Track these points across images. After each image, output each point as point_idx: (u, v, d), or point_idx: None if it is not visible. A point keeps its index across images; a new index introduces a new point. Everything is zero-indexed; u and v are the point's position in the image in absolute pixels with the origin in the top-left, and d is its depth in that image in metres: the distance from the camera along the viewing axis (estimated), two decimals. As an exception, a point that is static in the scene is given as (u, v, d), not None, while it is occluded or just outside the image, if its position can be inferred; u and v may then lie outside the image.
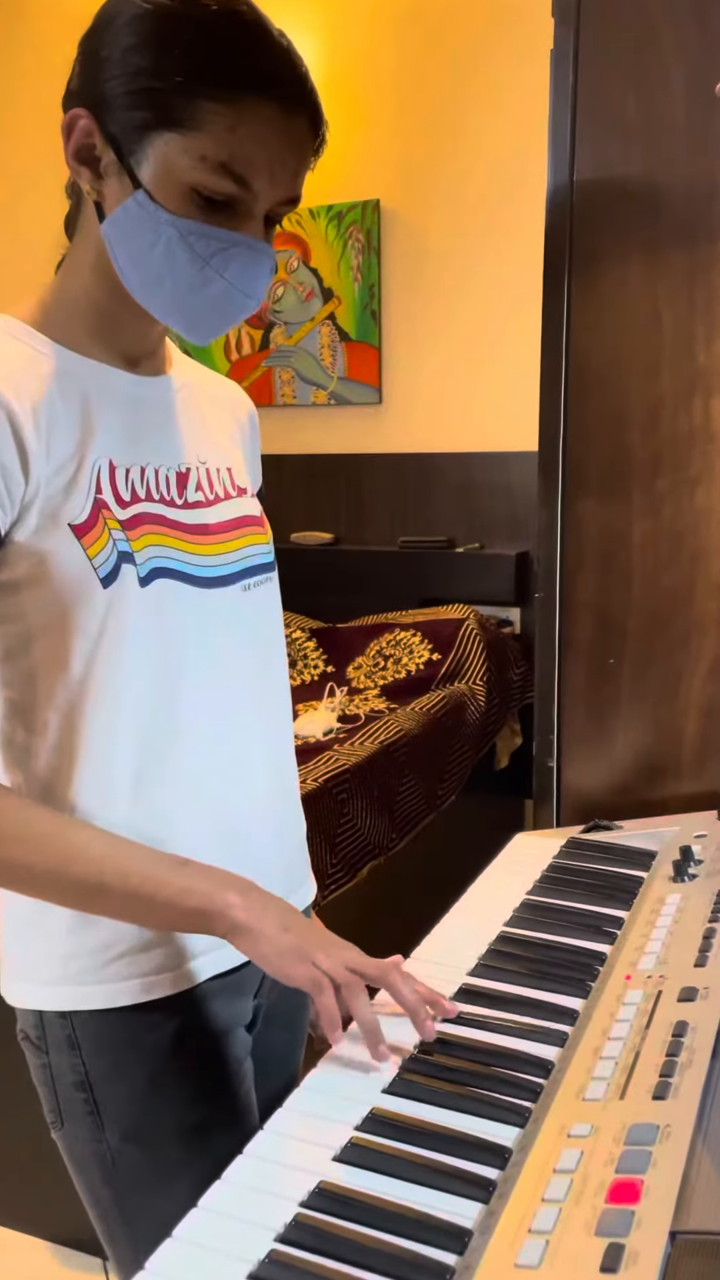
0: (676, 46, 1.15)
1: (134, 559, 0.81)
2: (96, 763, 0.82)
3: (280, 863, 0.94)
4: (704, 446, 1.23)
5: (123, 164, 0.76)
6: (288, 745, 0.98)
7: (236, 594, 0.89)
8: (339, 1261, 0.59)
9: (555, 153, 1.23)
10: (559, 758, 1.33)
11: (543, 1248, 0.57)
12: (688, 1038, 0.74)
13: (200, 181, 0.74)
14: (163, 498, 0.85)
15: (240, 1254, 0.59)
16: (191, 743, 0.85)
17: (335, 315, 3.04)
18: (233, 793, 0.89)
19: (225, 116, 0.73)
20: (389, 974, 0.79)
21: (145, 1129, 0.85)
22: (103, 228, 0.78)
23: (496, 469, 2.86)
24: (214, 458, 0.92)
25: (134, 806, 0.83)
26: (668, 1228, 0.57)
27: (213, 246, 0.76)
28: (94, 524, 0.79)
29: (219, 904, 0.77)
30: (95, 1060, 0.85)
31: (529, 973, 0.89)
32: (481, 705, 2.59)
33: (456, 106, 2.78)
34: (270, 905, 0.79)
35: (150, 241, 0.76)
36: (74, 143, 0.77)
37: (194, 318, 0.81)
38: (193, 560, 0.85)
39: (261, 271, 0.79)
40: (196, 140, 0.73)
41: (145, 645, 0.82)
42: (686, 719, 1.28)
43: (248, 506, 0.93)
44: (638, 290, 1.22)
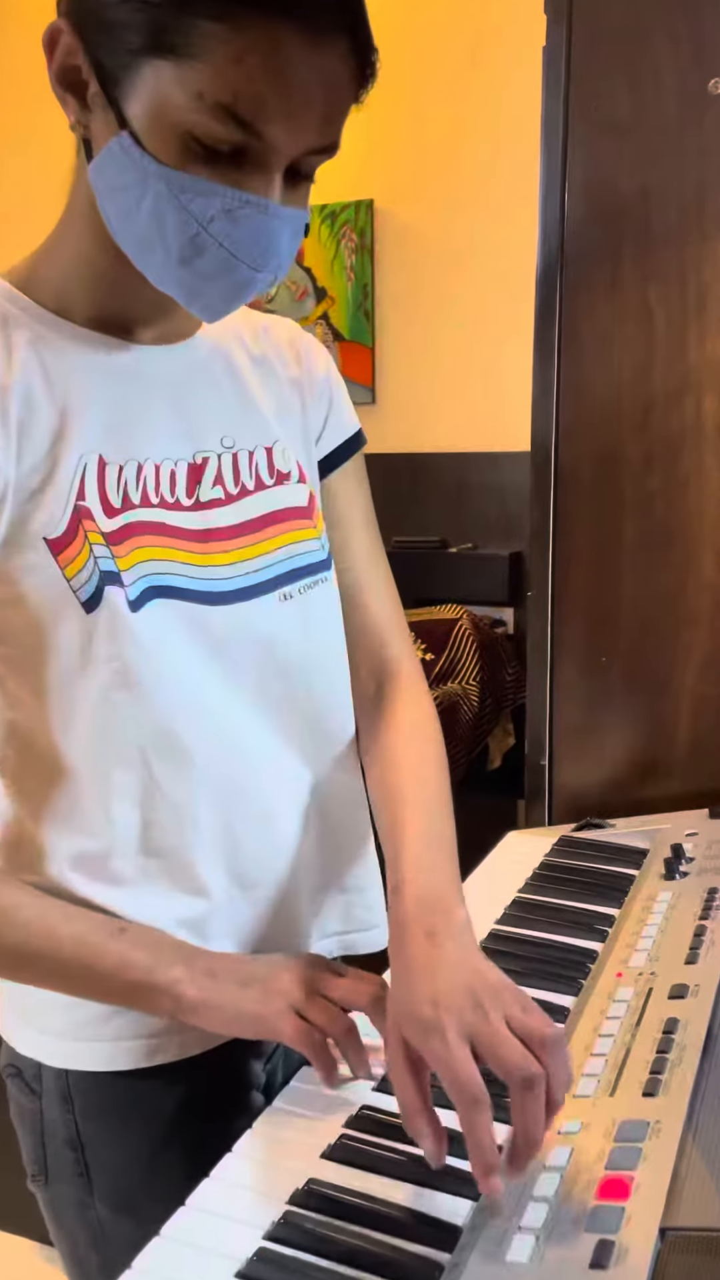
0: (669, 44, 1.15)
1: (121, 579, 0.68)
2: (97, 812, 0.72)
3: (300, 914, 0.82)
4: (696, 445, 1.23)
5: (106, 95, 0.60)
6: (341, 779, 0.83)
7: (270, 606, 0.75)
8: (328, 1259, 0.58)
9: (548, 151, 1.23)
10: (551, 756, 1.33)
11: (533, 1244, 0.57)
12: (678, 1034, 0.74)
13: (197, 125, 0.58)
14: (164, 501, 0.71)
15: (228, 1252, 0.59)
16: (212, 790, 0.74)
17: (329, 315, 3.04)
18: (258, 848, 0.77)
19: (229, 44, 0.56)
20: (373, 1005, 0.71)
21: (140, 1202, 0.74)
22: (89, 172, 0.64)
23: (490, 469, 2.86)
24: (247, 437, 0.76)
25: (145, 858, 0.73)
26: (658, 1224, 0.57)
27: (212, 207, 0.61)
28: (72, 538, 0.66)
29: (161, 980, 0.67)
30: (89, 1122, 0.76)
31: (520, 970, 0.88)
32: (474, 705, 2.59)
33: (450, 106, 2.79)
34: (219, 966, 0.69)
35: (137, 196, 0.61)
36: (56, 63, 0.62)
37: (193, 292, 0.65)
38: (201, 573, 0.72)
39: (275, 239, 0.63)
40: (193, 72, 0.57)
41: (146, 681, 0.69)
42: (678, 717, 1.28)
43: (289, 496, 0.77)
44: (630, 289, 1.22)
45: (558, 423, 1.28)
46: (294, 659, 0.78)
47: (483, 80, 2.72)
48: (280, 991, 0.69)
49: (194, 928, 0.76)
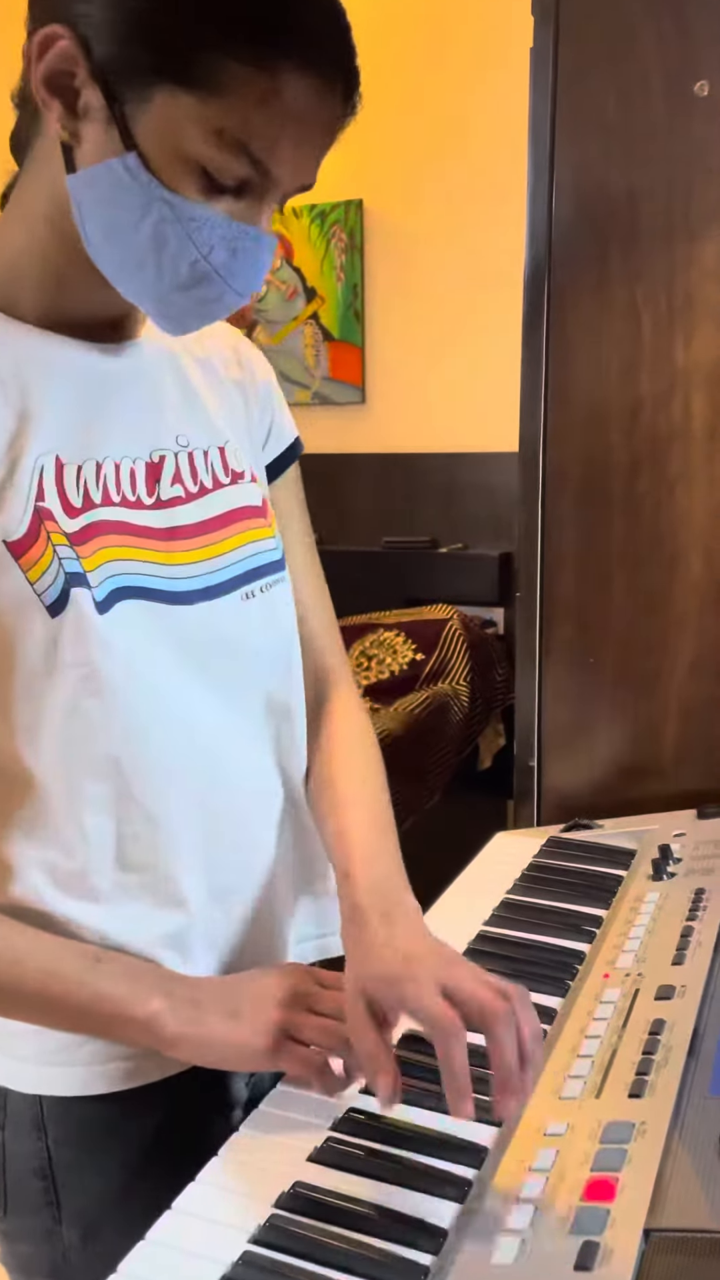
0: (656, 46, 1.16)
1: (87, 580, 0.66)
2: (69, 823, 0.69)
3: (279, 925, 0.81)
4: (684, 446, 1.23)
5: (112, 113, 0.60)
6: (297, 785, 0.83)
7: (234, 606, 0.74)
8: (313, 1263, 0.58)
9: (535, 152, 1.23)
10: (540, 757, 1.33)
11: (518, 1246, 0.57)
12: (664, 1035, 0.74)
13: (210, 159, 0.60)
14: (125, 499, 0.70)
15: (214, 1255, 0.59)
16: (186, 793, 0.73)
17: (318, 315, 3.04)
18: (233, 846, 0.76)
19: (256, 86, 0.58)
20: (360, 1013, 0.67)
21: (110, 1228, 0.72)
22: (70, 182, 0.63)
23: (480, 469, 2.87)
24: (199, 437, 0.76)
25: (120, 871, 0.71)
26: (642, 1225, 0.57)
27: (214, 237, 0.62)
28: (34, 540, 0.65)
29: (140, 1014, 0.65)
30: (63, 1148, 0.74)
31: (508, 972, 0.88)
32: (465, 706, 2.59)
33: (439, 107, 2.79)
34: (203, 996, 0.67)
35: (135, 217, 0.62)
36: (46, 67, 0.60)
37: (173, 311, 0.67)
38: (166, 572, 0.71)
39: (262, 264, 0.66)
40: (215, 109, 0.58)
41: (114, 684, 0.68)
42: (666, 718, 1.28)
43: (244, 495, 0.77)
44: (617, 290, 1.23)
45: (546, 424, 1.28)
46: (260, 658, 0.77)
47: (470, 81, 2.72)
48: (271, 1021, 0.67)
49: (175, 942, 0.75)
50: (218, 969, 0.78)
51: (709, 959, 0.84)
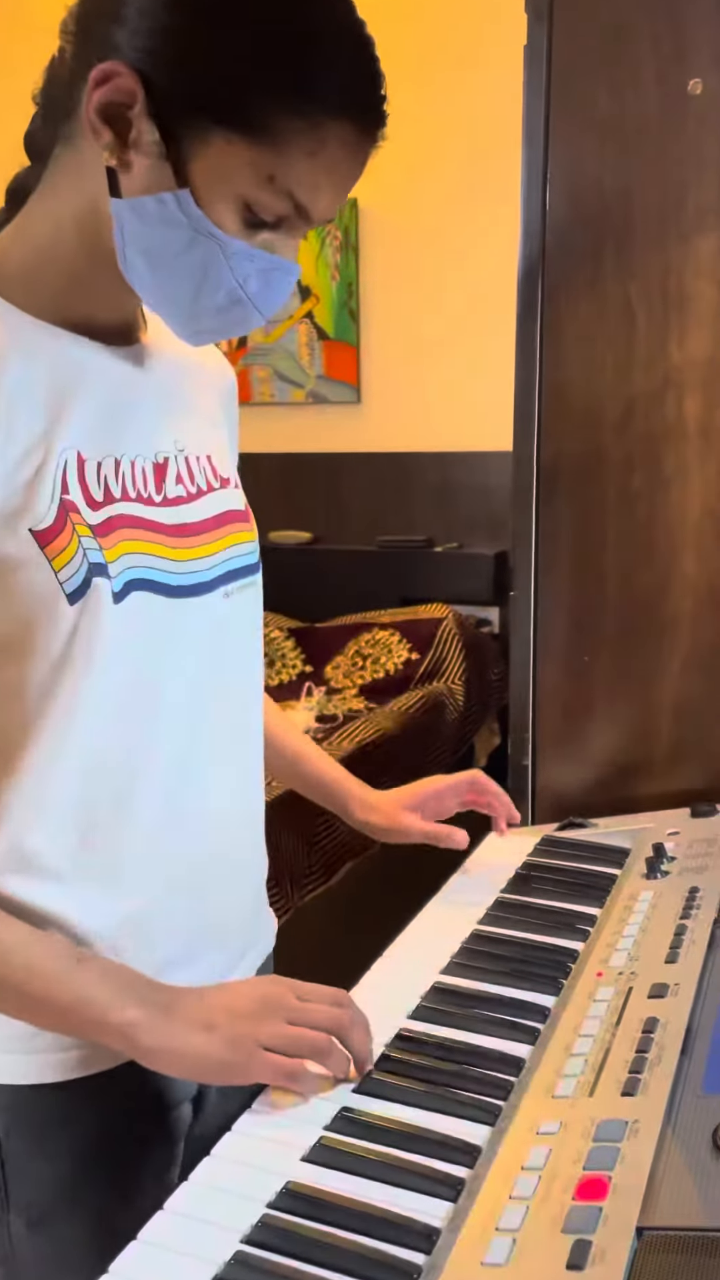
0: (650, 43, 1.16)
1: (108, 571, 0.69)
2: (40, 800, 0.71)
3: (241, 913, 0.87)
4: (677, 445, 1.23)
5: (167, 149, 0.64)
6: (256, 782, 0.88)
7: (215, 603, 0.78)
8: (306, 1263, 0.58)
9: (529, 150, 1.23)
10: (534, 756, 1.33)
11: (510, 1246, 0.57)
12: (657, 1034, 0.74)
13: (258, 200, 0.66)
14: (139, 495, 0.74)
15: (206, 1256, 0.59)
16: (152, 779, 0.75)
17: (313, 313, 3.03)
18: (195, 836, 0.79)
19: (308, 138, 0.64)
20: (342, 1017, 0.71)
21: (58, 1217, 0.75)
22: (115, 206, 0.67)
23: (475, 469, 2.87)
24: (194, 444, 0.80)
25: (81, 851, 0.73)
26: (634, 1224, 0.57)
27: (250, 268, 0.68)
28: (60, 530, 0.68)
29: (116, 1022, 0.66)
30: (13, 1138, 0.74)
31: (502, 970, 0.88)
32: (460, 705, 2.59)
33: (434, 105, 2.79)
34: (178, 1006, 0.68)
35: (180, 248, 0.67)
36: (103, 97, 0.64)
37: (198, 326, 0.72)
38: (172, 567, 0.74)
39: (287, 291, 0.72)
40: (269, 157, 0.64)
41: (113, 669, 0.71)
42: (660, 717, 1.28)
43: (232, 500, 0.82)
44: (611, 288, 1.23)
45: (540, 422, 1.28)
46: (229, 655, 0.81)
47: (465, 79, 2.72)
48: (243, 1035, 0.67)
49: (134, 928, 0.76)
50: (178, 954, 0.79)
51: (702, 957, 0.84)
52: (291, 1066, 0.68)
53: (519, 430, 1.30)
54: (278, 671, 2.78)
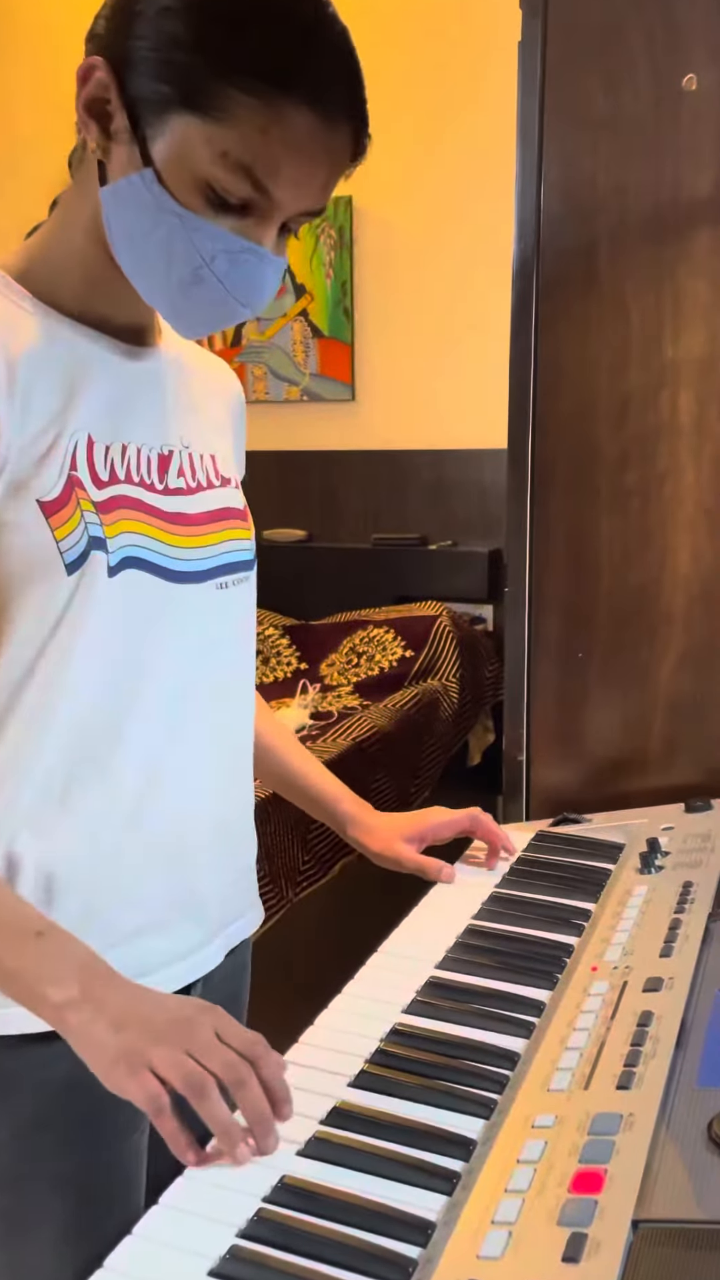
0: (644, 39, 1.16)
1: (106, 545, 0.74)
2: (25, 756, 0.75)
3: (220, 889, 0.89)
4: (671, 441, 1.23)
5: (135, 134, 0.69)
6: (245, 763, 0.92)
7: (209, 592, 0.82)
8: (301, 1256, 0.58)
9: (523, 147, 1.23)
10: (528, 752, 1.33)
11: (505, 1239, 0.57)
12: (652, 1027, 0.74)
13: (216, 179, 0.68)
14: (143, 481, 0.78)
15: (201, 1250, 0.59)
16: (135, 750, 0.78)
17: (308, 311, 3.03)
18: (175, 810, 0.82)
19: (259, 115, 0.66)
20: (239, 1069, 0.64)
21: (20, 1174, 0.76)
22: (102, 193, 0.72)
23: (469, 466, 2.87)
24: (198, 442, 0.85)
25: (63, 809, 0.76)
26: (630, 1217, 0.57)
27: (216, 247, 0.70)
28: (65, 502, 0.72)
29: (53, 998, 0.67)
30: None
31: (496, 965, 0.88)
32: (454, 702, 2.60)
33: (428, 103, 2.79)
34: (109, 999, 0.67)
35: (150, 225, 0.70)
36: (87, 93, 0.70)
37: (182, 313, 0.75)
38: (168, 551, 0.79)
39: (266, 281, 0.73)
40: (221, 133, 0.67)
41: (103, 640, 0.75)
42: (654, 713, 1.28)
43: (231, 498, 0.87)
44: (606, 286, 1.23)
45: (534, 419, 1.28)
46: (220, 643, 0.85)
47: (459, 77, 2.72)
48: (140, 1049, 0.64)
49: (113, 889, 0.79)
50: (153, 922, 0.82)
51: (696, 952, 0.85)
52: (157, 1093, 0.63)
53: (514, 427, 1.30)
54: (273, 669, 2.78)
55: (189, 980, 0.86)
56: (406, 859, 1.04)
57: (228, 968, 0.92)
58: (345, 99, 0.69)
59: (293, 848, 1.86)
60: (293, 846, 1.86)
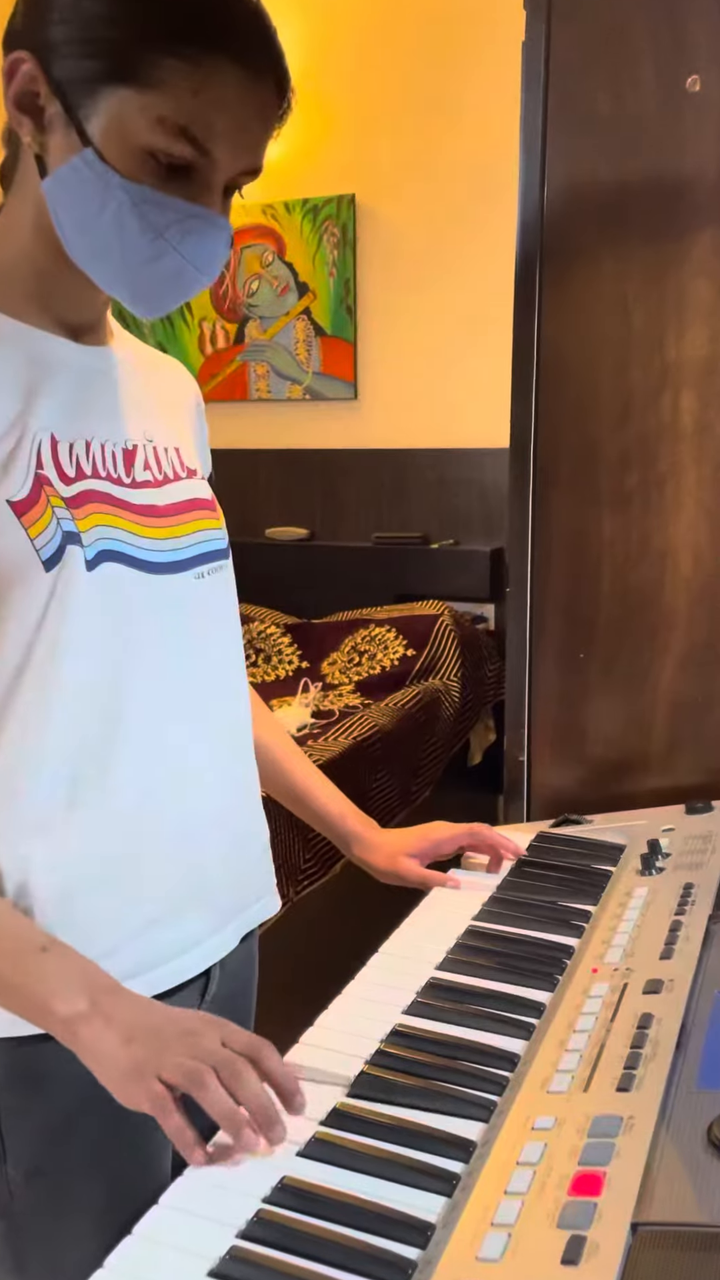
0: (648, 40, 1.16)
1: (80, 539, 0.75)
2: (27, 761, 0.75)
3: (232, 875, 0.89)
4: (673, 442, 1.23)
5: (70, 117, 0.69)
6: (245, 747, 0.92)
7: (189, 582, 0.83)
8: (301, 1257, 0.58)
9: (527, 147, 1.23)
10: (529, 752, 1.33)
11: (505, 1241, 0.57)
12: (652, 1029, 0.74)
13: (156, 145, 0.68)
14: (109, 475, 0.79)
15: (201, 1251, 0.59)
16: (134, 743, 0.79)
17: (310, 310, 3.03)
18: (177, 797, 0.82)
19: (189, 77, 0.67)
20: (235, 1063, 0.66)
21: (54, 1168, 0.78)
22: (44, 186, 0.72)
23: (471, 465, 2.87)
24: (161, 436, 0.85)
25: (67, 809, 0.76)
26: (629, 1219, 0.57)
27: (168, 217, 0.71)
28: (35, 501, 0.73)
29: (61, 1013, 0.68)
30: (5, 1092, 0.77)
31: (496, 966, 0.89)
32: (456, 701, 2.60)
33: (431, 102, 2.78)
34: (118, 1013, 0.68)
35: (98, 206, 0.70)
36: (15, 89, 0.70)
37: (142, 291, 0.75)
38: (143, 544, 0.79)
39: (219, 246, 0.73)
40: (154, 99, 0.67)
41: (89, 635, 0.75)
42: (655, 713, 1.28)
43: (198, 489, 0.87)
44: (608, 286, 1.23)
45: (536, 419, 1.28)
46: (213, 629, 0.86)
47: (462, 75, 2.72)
48: (149, 1059, 0.66)
49: (120, 883, 0.79)
50: (163, 913, 0.82)
51: (697, 953, 0.85)
52: (163, 1094, 0.65)
53: (516, 427, 1.30)
54: (274, 667, 2.78)
55: (204, 967, 0.86)
56: (411, 874, 1.05)
57: (242, 954, 0.93)
58: (266, 53, 0.71)
59: (293, 846, 1.86)
60: (293, 845, 1.86)
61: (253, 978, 0.99)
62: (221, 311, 3.12)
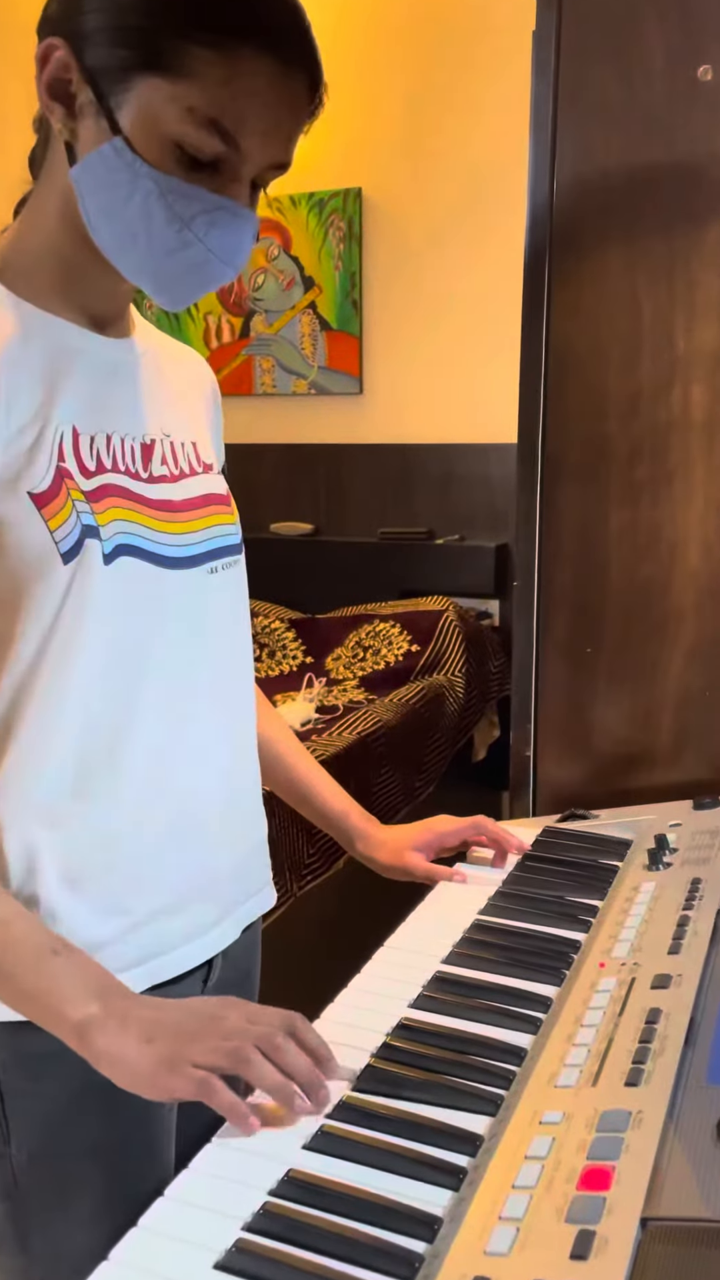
0: (658, 30, 1.15)
1: (99, 533, 0.75)
2: (37, 749, 0.75)
3: (234, 866, 0.90)
4: (683, 436, 1.22)
5: (101, 105, 0.69)
6: (249, 742, 0.93)
7: (202, 577, 0.84)
8: (307, 1250, 0.58)
9: (537, 138, 1.22)
10: (535, 747, 1.33)
11: (513, 1235, 0.57)
12: (660, 1024, 0.74)
13: (185, 136, 0.68)
14: (128, 470, 0.79)
15: (207, 1243, 0.58)
16: (143, 735, 0.79)
17: (316, 304, 3.02)
18: (185, 790, 0.83)
19: (220, 67, 0.67)
20: (274, 1036, 0.67)
21: (57, 1149, 0.79)
22: (72, 173, 0.72)
23: (477, 461, 2.86)
24: (179, 430, 0.86)
25: (75, 799, 0.77)
26: (639, 1214, 0.56)
27: (194, 208, 0.70)
28: (56, 493, 0.73)
29: (73, 1018, 0.68)
30: (10, 1074, 0.78)
31: (503, 960, 0.88)
32: (460, 697, 2.59)
33: (439, 95, 2.77)
34: (132, 1014, 0.68)
35: (125, 194, 0.70)
36: (48, 75, 0.70)
37: (167, 281, 0.75)
38: (158, 538, 0.80)
39: (244, 239, 0.73)
40: (185, 89, 0.67)
41: (104, 628, 0.76)
42: (663, 709, 1.28)
43: (214, 484, 0.88)
44: (618, 278, 1.22)
45: (545, 412, 1.27)
46: (224, 624, 0.87)
47: (471, 67, 2.71)
48: (178, 1052, 0.67)
49: (127, 875, 0.80)
50: (168, 904, 0.83)
51: (705, 949, 0.84)
52: (205, 1078, 0.66)
53: (524, 420, 1.29)
54: (278, 662, 2.78)
55: (207, 957, 0.87)
56: (417, 868, 1.05)
57: (243, 943, 0.93)
58: (299, 46, 0.70)
59: (297, 841, 1.85)
60: (297, 839, 1.85)
61: (254, 968, 0.99)
62: (227, 305, 3.11)
